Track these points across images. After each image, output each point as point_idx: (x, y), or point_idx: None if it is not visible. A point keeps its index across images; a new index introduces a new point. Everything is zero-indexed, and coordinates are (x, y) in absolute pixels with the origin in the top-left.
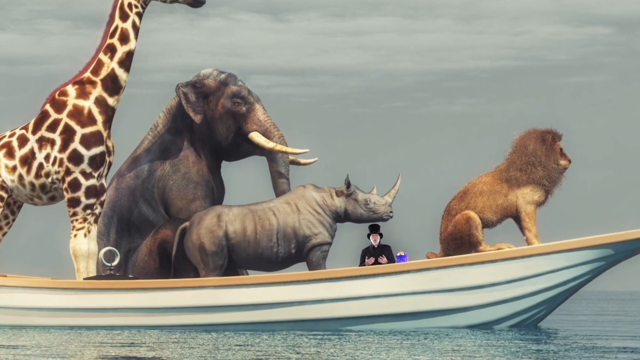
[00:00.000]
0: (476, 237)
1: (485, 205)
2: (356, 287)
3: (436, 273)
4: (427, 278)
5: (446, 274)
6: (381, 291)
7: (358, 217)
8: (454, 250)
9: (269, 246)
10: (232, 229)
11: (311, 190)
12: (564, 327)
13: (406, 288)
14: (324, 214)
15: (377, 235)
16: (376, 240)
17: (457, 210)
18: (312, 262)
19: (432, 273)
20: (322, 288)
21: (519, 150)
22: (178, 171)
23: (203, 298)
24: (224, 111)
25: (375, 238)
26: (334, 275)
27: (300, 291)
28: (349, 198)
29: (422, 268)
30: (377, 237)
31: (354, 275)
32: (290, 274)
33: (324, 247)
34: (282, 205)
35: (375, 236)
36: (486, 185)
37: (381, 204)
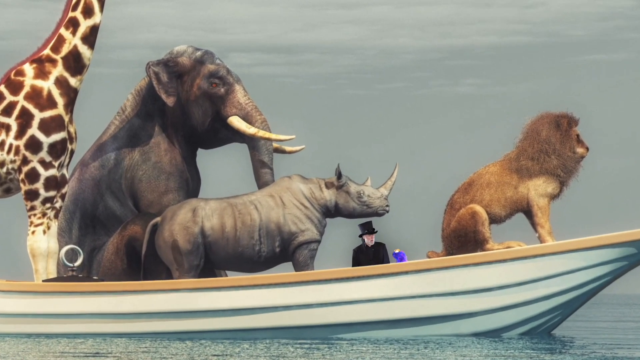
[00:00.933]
0: (482, 234)
1: (493, 199)
2: (348, 290)
3: (437, 274)
4: (428, 280)
5: (449, 275)
6: (376, 295)
7: (350, 212)
8: (458, 248)
9: (251, 244)
10: (208, 225)
11: (298, 181)
12: (580, 335)
13: (404, 291)
14: (312, 208)
15: (371, 236)
16: (372, 241)
17: (461, 204)
18: (299, 262)
19: (433, 274)
20: (310, 291)
21: (530, 137)
22: (148, 160)
23: (176, 302)
24: (199, 93)
25: (370, 239)
26: (323, 276)
27: (285, 294)
28: (340, 190)
29: (421, 269)
30: (371, 238)
31: (345, 277)
32: (274, 276)
33: (312, 245)
34: (265, 199)
35: (369, 237)
36: (494, 176)
37: (376, 197)
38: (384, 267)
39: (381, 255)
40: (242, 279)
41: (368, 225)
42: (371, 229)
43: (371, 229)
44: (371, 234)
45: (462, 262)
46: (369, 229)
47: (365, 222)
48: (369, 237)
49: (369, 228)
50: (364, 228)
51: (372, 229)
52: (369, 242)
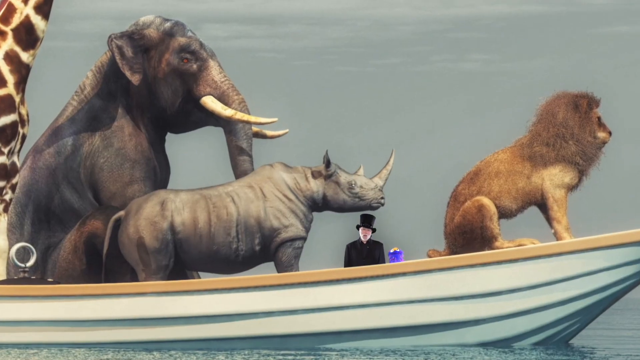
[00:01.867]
0: (491, 230)
1: (503, 190)
2: (338, 293)
3: (439, 276)
4: (428, 282)
5: (452, 277)
6: (369, 299)
7: (340, 205)
8: (463, 246)
9: (227, 242)
10: (179, 220)
11: (280, 170)
12: (602, 345)
13: (401, 295)
14: (297, 201)
15: (368, 230)
16: (366, 235)
17: (467, 196)
18: (282, 261)
19: (434, 276)
20: (295, 295)
21: (545, 120)
22: (111, 146)
23: (142, 308)
24: (169, 70)
25: (366, 233)
26: (310, 278)
27: (266, 299)
28: (329, 180)
29: (421, 270)
30: (368, 232)
31: (335, 279)
32: (253, 277)
33: (296, 242)
34: (243, 190)
35: (366, 230)
36: (504, 164)
37: (369, 188)
38: (379, 268)
39: (376, 255)
40: (217, 281)
41: (368, 218)
42: (369, 222)
43: (369, 222)
44: (368, 227)
45: (468, 262)
46: (367, 222)
47: (366, 214)
48: (365, 231)
49: (367, 221)
50: (363, 219)
51: (370, 222)
52: (363, 238)
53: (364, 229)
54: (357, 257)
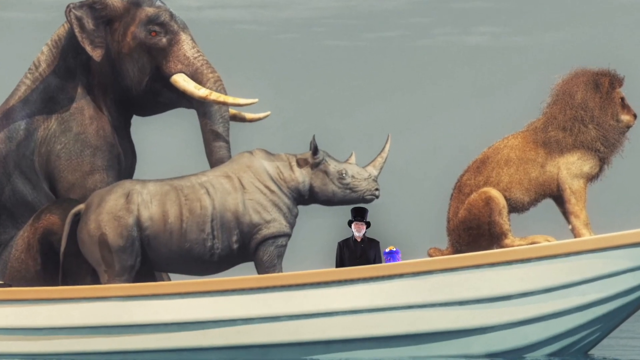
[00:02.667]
0: (500, 226)
1: (513, 180)
2: (327, 297)
3: (442, 278)
4: (429, 285)
5: (456, 279)
6: (362, 304)
7: (329, 197)
8: (468, 244)
9: (201, 239)
10: (146, 215)
11: (261, 158)
12: (625, 356)
13: (399, 299)
14: (280, 193)
15: (362, 225)
16: (360, 230)
17: (472, 188)
18: (263, 261)
19: (435, 278)
20: (278, 299)
21: (562, 101)
22: (69, 130)
23: (105, 314)
24: (135, 44)
25: (360, 228)
26: (295, 280)
27: (245, 304)
28: (317, 169)
29: (421, 271)
30: (361, 227)
31: (323, 282)
32: (231, 280)
33: (279, 240)
34: (219, 180)
35: (359, 225)
36: (515, 151)
37: (362, 178)
38: (373, 269)
39: (371, 255)
40: (190, 284)
41: (360, 211)
42: (363, 215)
43: (362, 215)
44: (361, 221)
45: (474, 263)
46: (360, 215)
47: (358, 207)
48: (358, 225)
49: (360, 214)
50: (355, 213)
51: (363, 216)
52: (357, 234)
53: (358, 224)
54: (349, 257)
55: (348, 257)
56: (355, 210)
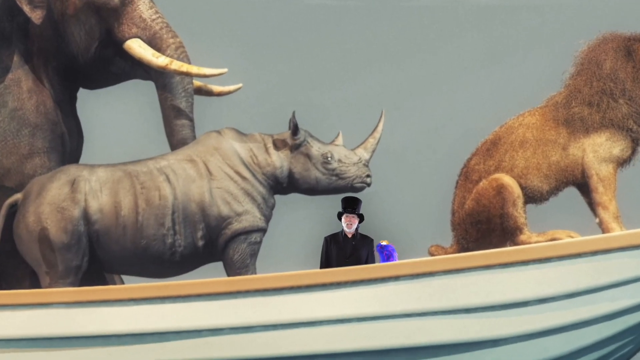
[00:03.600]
0: (514, 219)
1: (530, 165)
2: (309, 304)
3: (445, 281)
4: (430, 289)
5: (462, 282)
6: (352, 312)
7: (312, 185)
8: (476, 241)
9: (159, 235)
10: (95, 206)
11: (232, 139)
12: None
13: (394, 306)
14: (254, 180)
15: (353, 218)
16: (352, 224)
17: (482, 174)
18: (234, 261)
19: (438, 280)
20: (251, 306)
21: (587, 71)
22: (4, 106)
23: (47, 323)
24: (81, 3)
25: (352, 221)
26: (272, 284)
27: (213, 312)
28: (297, 152)
29: (421, 272)
30: (353, 221)
31: (305, 285)
32: (195, 283)
33: (253, 235)
34: (181, 165)
35: (351, 218)
36: (531, 131)
37: (351, 163)
38: (364, 270)
39: (363, 255)
40: (147, 288)
41: (351, 202)
42: (354, 206)
43: (354, 206)
44: (352, 213)
45: (483, 263)
46: (351, 206)
47: (349, 196)
48: (350, 218)
49: (351, 205)
50: (346, 204)
51: (355, 207)
52: (347, 228)
53: (349, 217)
54: (337, 256)
55: (336, 255)
56: (346, 201)
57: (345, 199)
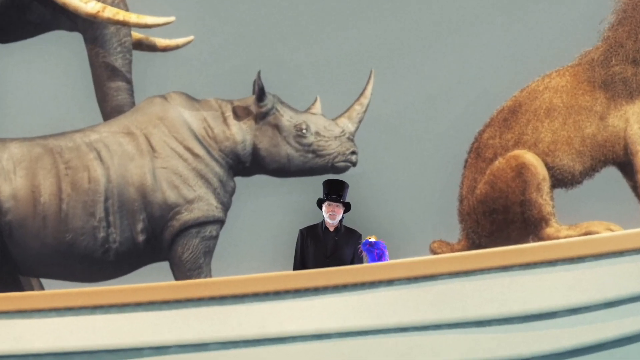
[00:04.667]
0: (538, 207)
1: (559, 139)
2: (279, 316)
3: (451, 285)
4: (432, 296)
5: (473, 287)
6: (333, 325)
7: (282, 164)
8: (490, 235)
9: (89, 227)
10: (7, 191)
11: (180, 106)
12: None
13: (387, 318)
14: (208, 158)
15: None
16: (336, 215)
17: (498, 150)
18: (183, 261)
19: (441, 285)
20: (206, 318)
21: (632, 20)
22: None
23: None
24: None
25: (335, 211)
26: (232, 289)
27: (157, 325)
28: (263, 122)
29: (420, 275)
30: (337, 210)
31: (274, 292)
32: (134, 289)
33: (207, 228)
34: (116, 139)
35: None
36: (560, 96)
37: (332, 136)
38: (349, 272)
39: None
40: (73, 295)
41: (336, 186)
42: (339, 191)
43: (339, 192)
44: (336, 200)
45: (499, 263)
46: (335, 192)
47: (333, 179)
48: (333, 207)
49: (335, 190)
50: (329, 188)
51: (340, 193)
52: (329, 219)
53: (332, 205)
54: (316, 254)
55: (314, 253)
56: (330, 185)
57: (329, 183)
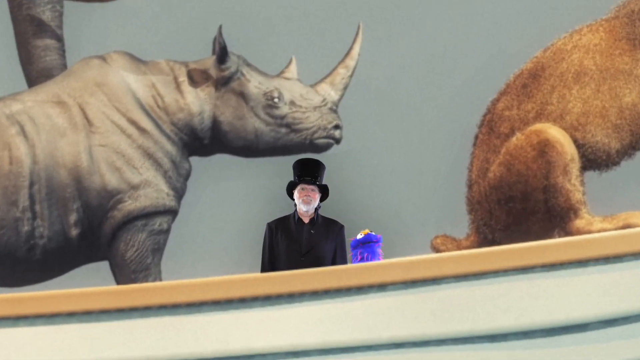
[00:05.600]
0: (565, 195)
1: (592, 110)
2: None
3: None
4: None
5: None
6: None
7: (249, 140)
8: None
9: (10, 219)
10: None
11: (123, 69)
12: None
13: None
14: (158, 134)
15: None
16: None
17: (515, 123)
18: (126, 260)
19: (446, 290)
20: (156, 330)
21: None
22: None
23: None
24: None
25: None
26: (187, 296)
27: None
28: (226, 89)
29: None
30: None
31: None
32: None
33: (156, 220)
34: (44, 110)
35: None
36: (592, 56)
37: (311, 106)
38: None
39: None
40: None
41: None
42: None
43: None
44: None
45: (517, 263)
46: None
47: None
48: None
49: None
50: (301, 169)
51: (313, 174)
52: (303, 206)
53: (305, 189)
54: (289, 251)
55: (286, 251)
56: (302, 165)
57: (301, 163)
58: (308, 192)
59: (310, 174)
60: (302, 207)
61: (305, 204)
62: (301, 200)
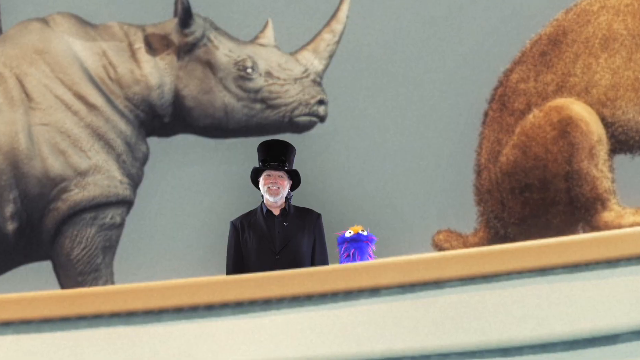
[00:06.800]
0: (591, 182)
1: (622, 82)
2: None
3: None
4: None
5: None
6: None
7: (217, 118)
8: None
9: None
10: None
11: (68, 33)
12: None
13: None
14: (110, 110)
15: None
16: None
17: (531, 98)
18: (71, 259)
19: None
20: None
21: None
22: None
23: None
24: None
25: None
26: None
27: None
28: (190, 58)
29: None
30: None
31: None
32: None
33: (107, 213)
34: None
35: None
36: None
37: (291, 77)
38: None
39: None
40: None
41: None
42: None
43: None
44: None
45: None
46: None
47: (273, 140)
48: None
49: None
50: (266, 152)
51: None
52: (269, 196)
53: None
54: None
55: (257, 250)
56: (267, 147)
57: (266, 145)
58: (275, 179)
59: (277, 158)
60: (269, 197)
61: (271, 194)
62: (266, 188)
